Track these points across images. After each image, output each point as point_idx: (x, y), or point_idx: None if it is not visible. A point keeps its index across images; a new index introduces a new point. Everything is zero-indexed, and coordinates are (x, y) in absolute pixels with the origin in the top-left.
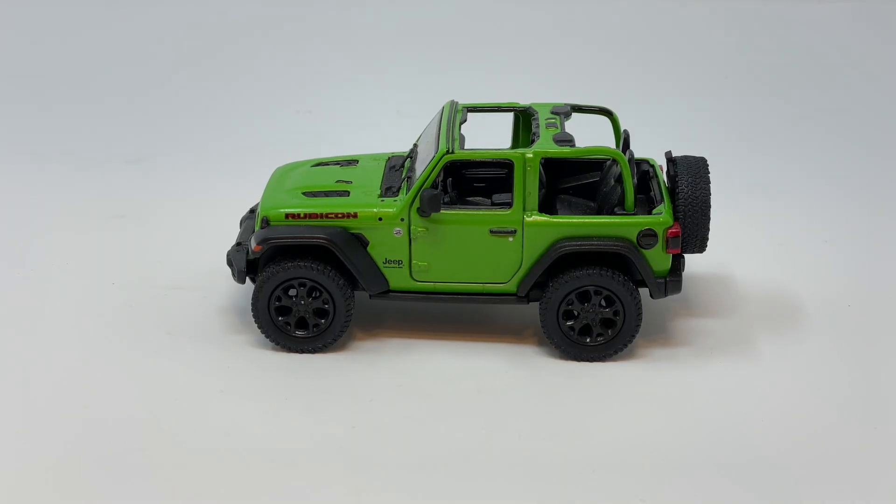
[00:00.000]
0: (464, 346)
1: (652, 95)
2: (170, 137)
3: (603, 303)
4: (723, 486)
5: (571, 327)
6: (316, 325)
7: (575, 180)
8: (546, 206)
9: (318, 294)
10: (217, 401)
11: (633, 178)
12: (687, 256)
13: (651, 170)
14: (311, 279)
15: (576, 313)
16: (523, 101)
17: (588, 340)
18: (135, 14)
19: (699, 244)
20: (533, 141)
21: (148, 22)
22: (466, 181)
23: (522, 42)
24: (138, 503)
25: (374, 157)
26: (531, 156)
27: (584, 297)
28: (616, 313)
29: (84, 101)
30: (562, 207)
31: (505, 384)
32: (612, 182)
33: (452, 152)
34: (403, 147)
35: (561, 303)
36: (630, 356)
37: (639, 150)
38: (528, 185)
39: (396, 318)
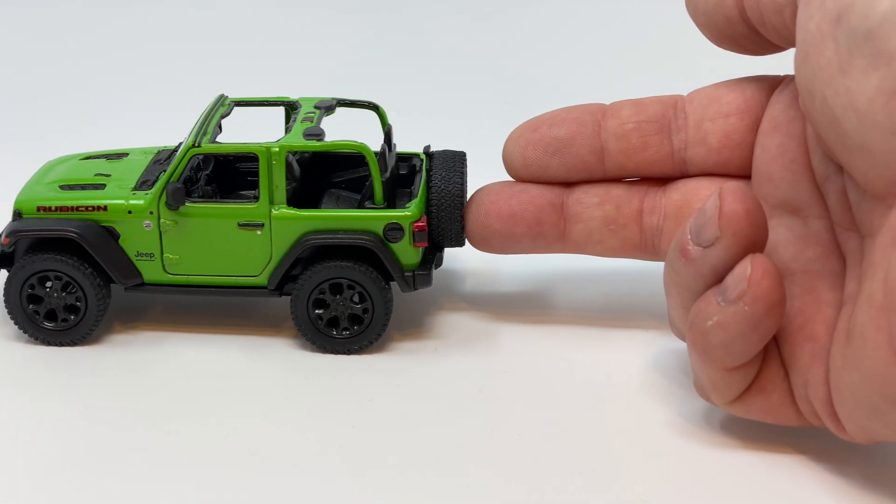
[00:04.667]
0: (462, 347)
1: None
2: (168, 137)
3: (354, 296)
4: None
5: (320, 317)
6: (66, 319)
7: (346, 174)
8: (314, 200)
9: (71, 287)
10: (217, 401)
11: (383, 172)
12: (458, 251)
13: (419, 164)
14: (61, 271)
15: (326, 306)
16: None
17: (335, 333)
18: (135, 15)
19: (455, 238)
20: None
21: (149, 24)
22: (241, 175)
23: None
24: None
25: (144, 151)
26: (277, 149)
27: (336, 289)
28: (364, 306)
29: (84, 102)
30: (328, 201)
31: (507, 384)
32: None
33: (198, 146)
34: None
35: (310, 295)
36: (381, 349)
37: None
38: (274, 178)
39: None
